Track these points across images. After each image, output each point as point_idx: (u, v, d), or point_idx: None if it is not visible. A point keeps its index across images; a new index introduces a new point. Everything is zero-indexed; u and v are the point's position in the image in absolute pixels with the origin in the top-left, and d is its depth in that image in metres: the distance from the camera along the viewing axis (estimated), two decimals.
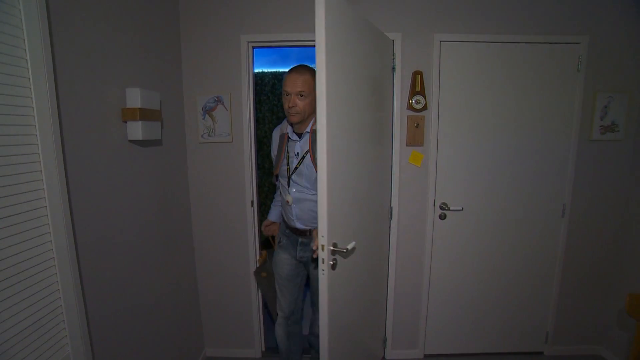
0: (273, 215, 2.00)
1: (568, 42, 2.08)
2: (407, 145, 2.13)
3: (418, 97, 2.07)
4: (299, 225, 1.77)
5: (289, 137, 1.73)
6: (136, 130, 1.53)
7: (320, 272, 1.36)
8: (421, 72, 2.08)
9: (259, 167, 3.52)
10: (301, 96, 1.60)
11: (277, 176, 1.83)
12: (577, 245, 2.26)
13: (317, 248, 1.35)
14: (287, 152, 1.73)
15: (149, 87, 1.67)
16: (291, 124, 1.71)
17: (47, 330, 1.00)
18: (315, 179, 1.55)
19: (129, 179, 1.55)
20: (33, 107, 0.96)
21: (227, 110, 2.13)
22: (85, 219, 1.25)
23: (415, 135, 2.11)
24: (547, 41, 2.08)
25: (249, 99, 2.13)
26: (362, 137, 1.68)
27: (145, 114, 1.54)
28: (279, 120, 3.42)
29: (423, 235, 2.22)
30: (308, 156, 1.67)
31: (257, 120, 3.44)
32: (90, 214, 1.28)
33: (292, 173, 1.72)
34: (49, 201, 1.00)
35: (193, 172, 2.19)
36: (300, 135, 1.71)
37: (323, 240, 1.32)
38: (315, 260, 1.59)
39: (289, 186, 1.73)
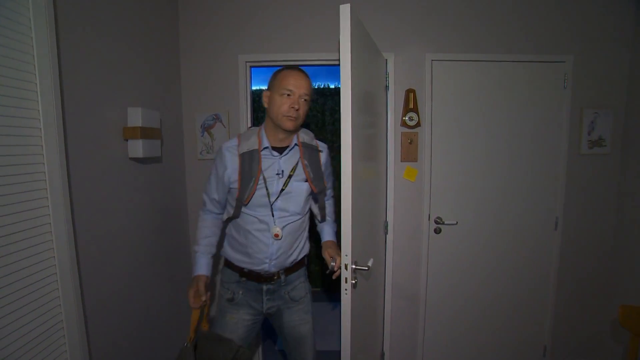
0: (204, 266, 1.44)
1: (554, 61, 2.17)
2: (401, 161, 2.18)
3: (411, 114, 2.14)
4: (271, 268, 1.42)
5: (261, 153, 1.37)
6: (137, 148, 1.57)
7: (343, 292, 1.31)
8: (414, 90, 2.15)
9: None
10: (304, 100, 1.35)
11: (238, 206, 1.39)
12: (571, 258, 2.30)
13: (339, 268, 1.31)
14: (263, 173, 1.37)
15: (149, 106, 1.73)
16: (266, 137, 1.41)
17: (49, 344, 1.01)
18: (305, 199, 1.45)
19: (130, 195, 1.58)
20: (40, 128, 1.00)
21: (225, 127, 2.18)
22: (87, 234, 1.28)
23: (409, 151, 2.17)
24: (534, 60, 2.16)
25: (247, 117, 2.18)
26: (365, 154, 1.69)
27: (145, 133, 1.58)
28: None
29: (419, 249, 2.25)
30: (296, 175, 1.41)
31: None
32: (92, 229, 1.31)
33: (277, 198, 1.40)
34: (52, 216, 1.03)
35: (191, 188, 2.22)
36: (281, 150, 1.41)
37: (347, 259, 1.29)
38: (292, 301, 1.50)
39: (273, 216, 1.39)
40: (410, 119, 2.14)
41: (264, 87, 3.65)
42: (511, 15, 2.14)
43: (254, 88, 3.47)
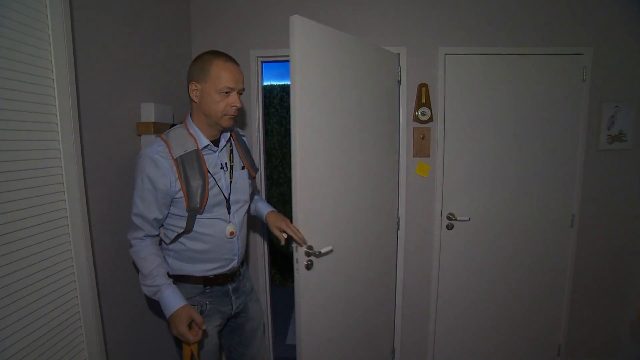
0: (179, 296, 1.22)
1: (573, 54, 2.11)
2: (413, 157, 2.16)
3: (424, 109, 2.11)
4: (237, 264, 1.39)
5: (202, 152, 1.27)
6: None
7: (295, 272, 1.40)
8: (427, 85, 2.12)
9: (268, 177, 3.57)
10: (240, 94, 1.28)
11: (192, 217, 1.26)
12: (587, 256, 2.24)
13: (292, 233, 1.37)
14: (209, 172, 1.28)
15: (162, 102, 1.74)
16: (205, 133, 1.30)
17: (65, 335, 1.04)
18: (249, 185, 1.43)
19: None
20: (57, 123, 1.02)
21: (235, 123, 2.18)
22: (103, 228, 1.31)
23: (422, 147, 2.14)
24: (551, 52, 2.11)
25: (259, 112, 2.19)
26: (349, 145, 1.74)
27: (158, 128, 1.60)
28: (288, 132, 3.48)
29: (430, 245, 2.23)
30: (235, 164, 1.38)
31: (266, 133, 3.51)
32: (107, 223, 1.34)
33: (230, 192, 1.34)
34: (69, 211, 1.05)
35: None
36: (216, 144, 1.34)
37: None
38: (250, 292, 1.49)
39: (230, 212, 1.34)
40: (423, 113, 2.11)
41: (274, 83, 3.67)
42: (527, 6, 2.09)
43: (265, 84, 3.49)
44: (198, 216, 1.26)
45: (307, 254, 1.47)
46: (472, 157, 2.17)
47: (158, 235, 1.31)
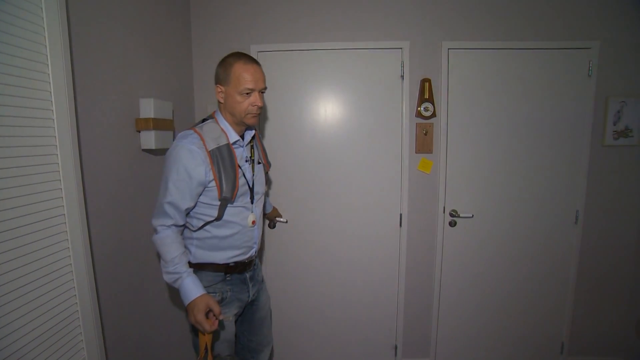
0: (198, 284, 1.26)
1: (578, 48, 2.07)
2: (416, 153, 2.13)
3: (426, 104, 2.08)
4: (255, 252, 1.48)
5: (232, 146, 1.35)
6: (149, 139, 1.57)
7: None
8: (429, 80, 2.09)
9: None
10: (262, 93, 1.35)
11: (223, 206, 1.33)
12: (591, 253, 2.22)
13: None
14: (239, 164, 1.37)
15: (161, 97, 1.72)
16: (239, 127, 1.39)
17: (64, 334, 1.02)
18: (265, 178, 1.56)
19: (142, 187, 1.59)
20: (53, 119, 1.00)
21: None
22: (101, 225, 1.29)
23: (424, 143, 2.11)
24: (557, 47, 2.07)
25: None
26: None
27: (158, 124, 1.58)
28: None
29: (433, 242, 2.21)
30: (255, 158, 1.47)
31: None
32: (105, 220, 1.32)
33: (253, 186, 1.44)
34: (67, 208, 1.03)
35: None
36: (242, 138, 1.42)
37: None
38: (262, 280, 1.58)
39: (252, 202, 1.43)
40: (426, 109, 2.08)
41: None
42: (532, 0, 2.05)
43: None
44: (229, 205, 1.35)
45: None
46: (475, 153, 2.14)
47: (183, 225, 1.35)
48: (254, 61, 1.33)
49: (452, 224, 2.18)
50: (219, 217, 1.34)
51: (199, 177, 1.25)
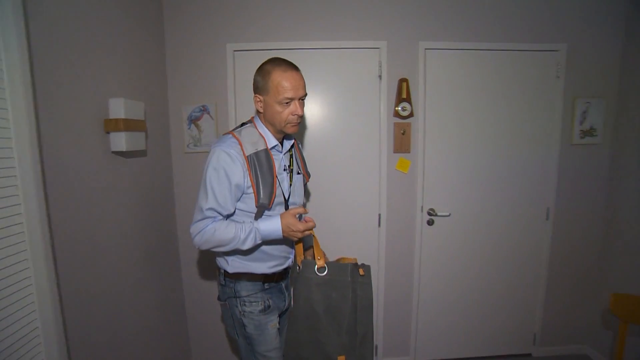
0: (270, 218, 1.31)
1: (547, 50, 2.15)
2: (394, 152, 2.14)
3: (404, 104, 2.10)
4: (291, 262, 1.48)
5: (271, 152, 1.32)
6: (120, 141, 1.49)
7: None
8: (407, 80, 2.10)
9: None
10: (301, 100, 1.31)
11: (260, 212, 1.32)
12: (562, 248, 2.31)
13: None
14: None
15: (133, 97, 1.64)
16: (277, 134, 1.37)
17: (23, 353, 0.95)
18: (303, 190, 1.50)
19: (113, 190, 1.51)
20: (9, 119, 0.92)
21: (212, 119, 2.10)
22: (66, 234, 1.21)
23: (402, 142, 2.13)
24: (527, 49, 2.14)
25: (235, 109, 2.11)
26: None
27: (129, 125, 1.51)
28: None
29: (412, 241, 2.23)
30: (294, 167, 1.44)
31: None
32: (70, 229, 1.24)
33: (289, 196, 1.40)
34: (26, 217, 0.96)
35: (179, 182, 2.14)
36: (282, 145, 1.40)
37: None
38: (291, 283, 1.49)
39: None
40: (403, 109, 2.10)
41: None
42: (504, 2, 2.11)
43: None
44: (266, 212, 1.32)
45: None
46: (452, 153, 2.18)
47: None
48: (293, 67, 1.29)
49: (430, 222, 2.21)
50: None
51: (238, 180, 1.24)
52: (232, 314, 1.40)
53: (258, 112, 1.35)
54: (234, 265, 1.36)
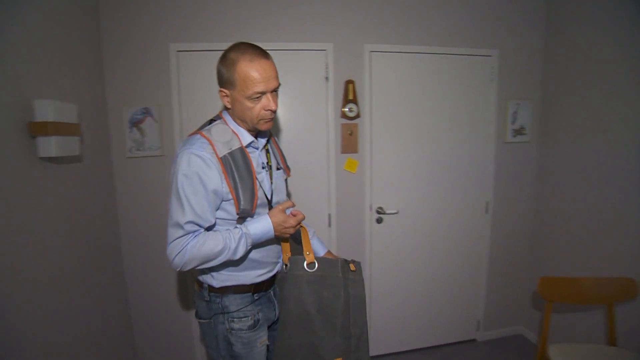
0: (259, 218, 1.20)
1: (482, 55, 2.31)
2: (342, 153, 2.19)
3: (351, 105, 2.15)
4: (280, 267, 1.33)
5: (247, 150, 1.19)
6: (48, 146, 1.39)
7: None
8: (353, 81, 2.16)
9: None
10: (275, 92, 1.16)
11: (243, 219, 1.19)
12: (500, 238, 2.50)
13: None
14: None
15: (63, 98, 1.54)
16: (248, 130, 1.22)
17: None
18: (285, 186, 1.39)
19: (42, 199, 1.41)
20: None
21: (157, 122, 2.03)
22: None
23: (350, 143, 2.18)
24: (465, 53, 2.28)
25: (180, 111, 2.05)
26: None
27: (59, 128, 1.41)
28: None
29: (362, 239, 2.29)
30: (272, 163, 1.31)
31: None
32: None
33: (272, 195, 1.27)
34: None
35: (122, 189, 2.04)
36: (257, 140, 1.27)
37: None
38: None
39: None
40: (350, 110, 2.15)
41: None
42: (443, 8, 2.23)
43: None
44: (248, 219, 1.19)
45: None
46: (398, 152, 2.27)
47: None
48: (262, 54, 1.11)
49: (379, 220, 2.29)
50: None
51: (215, 186, 1.09)
52: (216, 334, 1.24)
53: (228, 108, 1.21)
54: (220, 278, 1.22)
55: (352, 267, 1.28)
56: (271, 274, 1.31)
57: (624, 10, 1.87)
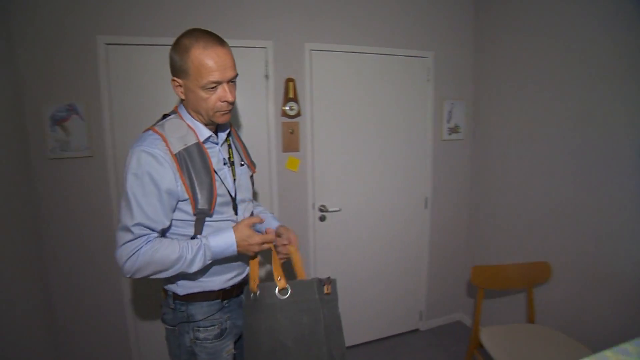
0: (222, 231, 1.12)
1: (419, 56, 2.40)
2: (283, 152, 2.18)
3: (292, 103, 2.15)
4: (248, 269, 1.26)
5: (204, 145, 1.12)
6: None
7: None
8: (294, 80, 2.15)
9: None
10: (232, 82, 1.10)
11: (200, 220, 1.12)
12: (439, 232, 2.63)
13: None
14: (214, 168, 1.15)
15: None
16: (206, 124, 1.15)
17: None
18: (250, 183, 1.32)
19: None
20: None
21: (84, 120, 1.90)
22: None
23: (291, 141, 2.18)
24: (403, 54, 2.36)
25: (110, 108, 1.93)
26: None
27: None
28: None
29: (305, 238, 2.30)
30: (235, 159, 1.25)
31: None
32: None
33: (237, 192, 1.21)
34: None
35: (44, 193, 1.88)
36: (217, 135, 1.20)
37: None
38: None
39: (237, 213, 1.20)
40: (291, 108, 2.15)
41: None
42: (382, 10, 2.29)
43: None
44: (207, 219, 1.11)
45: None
46: (339, 150, 2.31)
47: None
48: (218, 41, 1.04)
49: (322, 218, 2.32)
50: (195, 236, 1.11)
51: (169, 185, 1.02)
52: (180, 343, 1.18)
53: (182, 100, 1.14)
54: (185, 285, 1.14)
55: (326, 289, 1.17)
56: (241, 277, 1.25)
57: (549, 16, 2.00)
